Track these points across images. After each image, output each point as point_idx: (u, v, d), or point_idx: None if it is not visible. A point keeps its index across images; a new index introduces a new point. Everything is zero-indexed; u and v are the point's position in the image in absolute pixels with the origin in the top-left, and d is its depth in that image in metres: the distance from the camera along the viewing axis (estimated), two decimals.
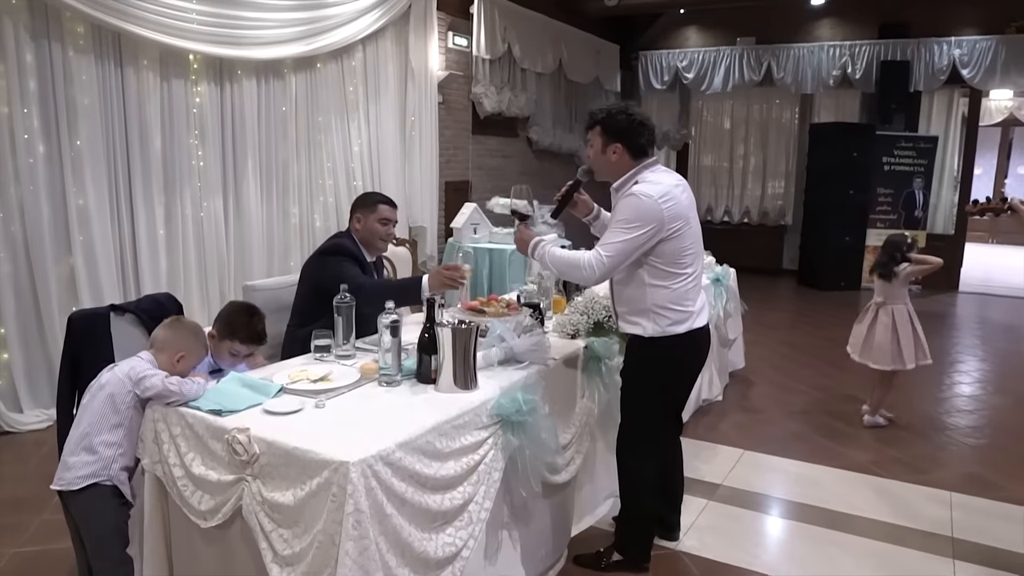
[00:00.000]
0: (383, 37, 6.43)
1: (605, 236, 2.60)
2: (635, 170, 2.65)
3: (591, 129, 2.68)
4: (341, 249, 3.22)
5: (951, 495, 3.77)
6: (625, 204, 2.58)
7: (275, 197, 5.64)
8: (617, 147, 2.63)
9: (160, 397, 2.19)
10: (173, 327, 2.42)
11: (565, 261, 2.63)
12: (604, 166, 2.69)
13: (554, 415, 2.69)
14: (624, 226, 2.54)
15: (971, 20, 9.51)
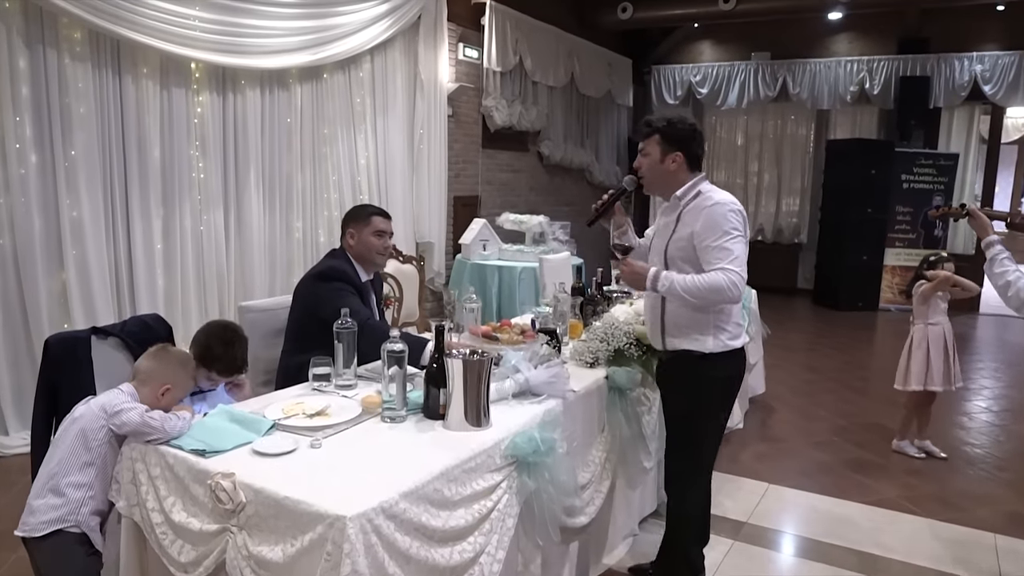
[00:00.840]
0: (392, 47, 6.25)
1: (711, 253, 2.40)
2: (695, 180, 2.55)
3: (648, 138, 2.54)
4: (336, 274, 2.97)
5: (995, 537, 3.52)
6: (716, 214, 2.43)
7: (278, 211, 5.45)
8: (677, 156, 2.52)
9: (138, 434, 1.98)
10: (158, 357, 2.21)
11: (706, 286, 2.38)
12: (660, 176, 2.55)
13: (573, 452, 2.47)
14: (732, 235, 2.42)
15: (993, 35, 9.30)
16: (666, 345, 2.61)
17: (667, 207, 2.61)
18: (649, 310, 2.68)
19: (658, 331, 2.62)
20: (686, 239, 2.47)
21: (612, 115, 10.21)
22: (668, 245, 2.53)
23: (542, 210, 7.83)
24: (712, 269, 2.40)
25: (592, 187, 9.89)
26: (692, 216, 2.48)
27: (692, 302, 2.44)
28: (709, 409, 2.63)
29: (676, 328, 2.57)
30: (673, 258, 2.51)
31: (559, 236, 6.67)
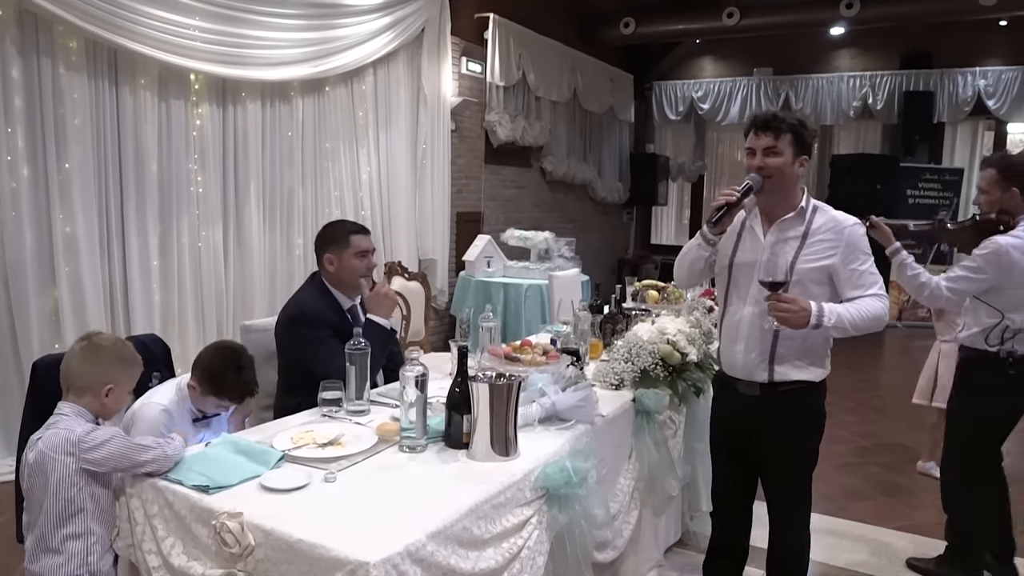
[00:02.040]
0: (395, 61, 6.13)
1: (863, 278, 2.28)
2: (807, 193, 2.40)
3: (780, 135, 2.29)
4: (309, 318, 2.71)
5: None
6: (859, 235, 2.33)
7: (279, 227, 5.28)
8: (806, 159, 2.34)
9: (130, 467, 1.77)
10: (88, 355, 1.90)
11: (871, 317, 2.25)
12: (791, 178, 2.33)
13: (603, 481, 2.30)
14: (872, 258, 2.32)
15: (997, 50, 9.25)
16: (773, 376, 2.36)
17: (785, 220, 2.34)
18: (747, 336, 2.38)
19: (765, 360, 2.36)
20: (823, 260, 2.28)
21: (614, 131, 10.10)
22: (795, 264, 2.29)
23: (546, 226, 7.67)
24: (864, 295, 2.27)
25: (595, 203, 9.77)
26: (830, 236, 2.30)
27: (851, 334, 2.27)
28: (815, 444, 2.48)
29: (791, 357, 2.34)
30: (801, 280, 2.28)
31: (564, 253, 6.52)
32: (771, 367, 2.35)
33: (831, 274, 2.30)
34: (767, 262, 2.27)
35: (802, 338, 2.30)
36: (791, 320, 2.19)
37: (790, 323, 2.20)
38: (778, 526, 2.52)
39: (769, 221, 2.38)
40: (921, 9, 8.43)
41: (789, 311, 2.18)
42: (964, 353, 3.07)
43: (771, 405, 2.39)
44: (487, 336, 2.81)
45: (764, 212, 2.39)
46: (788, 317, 2.18)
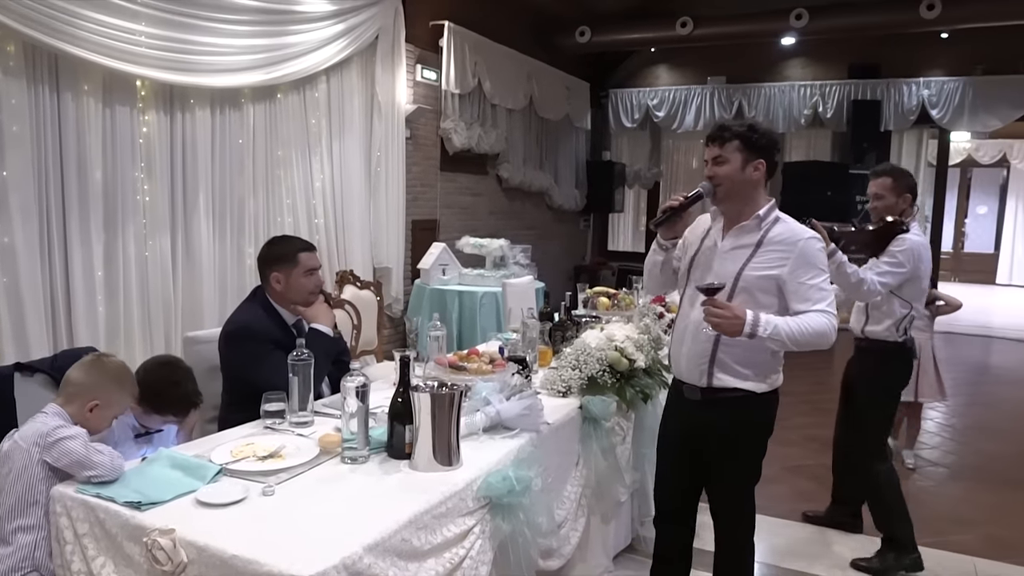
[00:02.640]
0: (348, 68, 6.09)
1: (811, 292, 2.26)
2: (773, 203, 2.41)
3: (725, 143, 2.33)
4: (250, 333, 2.67)
5: (975, 562, 3.47)
6: (814, 249, 2.31)
7: (229, 236, 5.20)
8: (760, 163, 2.34)
9: (79, 468, 1.76)
10: (91, 368, 1.99)
11: (812, 332, 2.22)
12: (742, 184, 2.34)
13: (548, 490, 2.30)
14: (826, 275, 2.32)
15: (939, 61, 9.51)
16: (712, 382, 2.38)
17: (740, 228, 2.37)
18: (692, 340, 2.41)
19: (705, 364, 2.38)
20: (772, 271, 2.30)
21: (570, 138, 10.16)
22: (743, 271, 2.32)
23: (502, 234, 7.70)
24: (810, 310, 2.24)
25: (552, 211, 9.82)
26: (782, 247, 2.30)
27: (790, 348, 2.25)
28: (759, 455, 2.50)
29: (731, 364, 2.35)
30: (749, 288, 2.31)
31: (520, 260, 6.53)
32: (710, 372, 2.37)
33: (780, 285, 2.30)
34: (716, 270, 2.34)
35: (744, 347, 2.31)
36: (723, 327, 2.20)
37: (723, 329, 2.21)
38: (722, 531, 2.55)
39: (728, 228, 2.41)
40: (867, 22, 8.66)
41: (722, 317, 2.19)
42: (878, 346, 3.29)
43: (712, 411, 2.41)
44: (435, 345, 2.80)
45: (726, 218, 2.43)
46: (721, 323, 2.20)
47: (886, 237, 3.16)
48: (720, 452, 2.46)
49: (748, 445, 2.47)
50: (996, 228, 15.99)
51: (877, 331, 3.28)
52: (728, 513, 2.55)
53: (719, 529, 2.56)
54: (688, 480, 2.59)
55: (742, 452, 2.47)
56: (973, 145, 14.58)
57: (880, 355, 3.30)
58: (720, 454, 2.46)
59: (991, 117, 9.38)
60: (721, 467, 2.49)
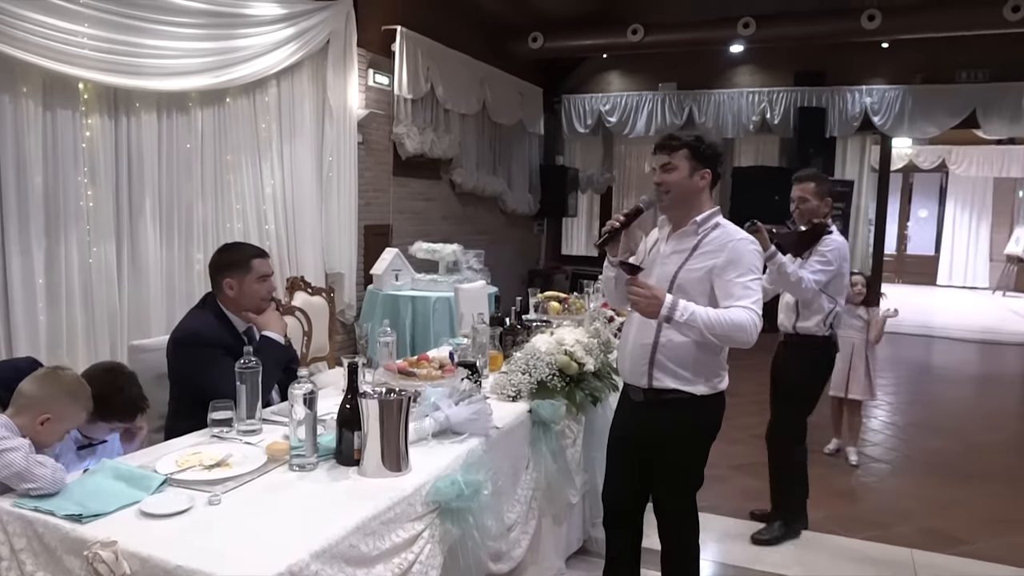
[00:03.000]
0: (299, 72, 6.04)
1: (735, 289, 2.31)
2: (715, 209, 2.47)
3: (675, 151, 2.40)
4: (200, 339, 2.65)
5: (912, 553, 3.60)
6: (744, 250, 2.37)
7: (177, 242, 5.11)
8: (706, 173, 2.43)
9: (18, 480, 1.72)
10: (44, 380, 1.96)
11: (730, 323, 2.24)
12: (689, 192, 2.42)
13: (498, 493, 2.32)
14: (756, 275, 2.37)
15: (881, 70, 9.81)
16: (652, 383, 2.44)
17: (680, 232, 2.46)
18: (633, 341, 2.48)
19: (645, 365, 2.43)
20: (705, 270, 2.37)
21: (524, 143, 10.22)
22: (679, 273, 2.39)
23: (456, 239, 7.69)
24: (734, 305, 2.29)
25: (505, 215, 9.86)
26: (714, 247, 2.38)
27: (708, 339, 2.27)
28: (701, 457, 2.55)
29: (670, 366, 2.41)
30: (684, 288, 2.37)
31: (473, 265, 6.55)
32: (650, 373, 2.43)
33: (712, 283, 2.37)
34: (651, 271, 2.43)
35: (681, 348, 2.37)
36: (642, 306, 2.26)
37: (641, 308, 2.27)
38: (666, 533, 2.61)
39: (672, 233, 2.51)
40: (812, 31, 8.91)
41: (641, 296, 2.24)
42: (807, 341, 3.56)
43: (654, 413, 2.47)
44: (385, 351, 2.80)
45: (672, 224, 2.51)
46: (638, 302, 2.25)
47: (813, 238, 3.44)
48: (662, 454, 2.52)
49: (689, 448, 2.52)
50: (936, 231, 16.51)
51: (807, 326, 3.54)
52: (671, 515, 2.61)
53: (663, 530, 2.62)
54: (636, 482, 2.64)
55: (683, 454, 2.52)
56: (914, 151, 15.05)
57: (808, 348, 3.57)
58: (662, 456, 2.52)
59: (929, 124, 9.71)
60: (663, 469, 2.54)
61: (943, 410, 6.42)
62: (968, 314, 12.16)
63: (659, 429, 2.47)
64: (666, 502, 2.60)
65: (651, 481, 2.61)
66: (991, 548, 3.65)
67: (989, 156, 14.77)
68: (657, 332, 2.41)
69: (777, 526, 3.69)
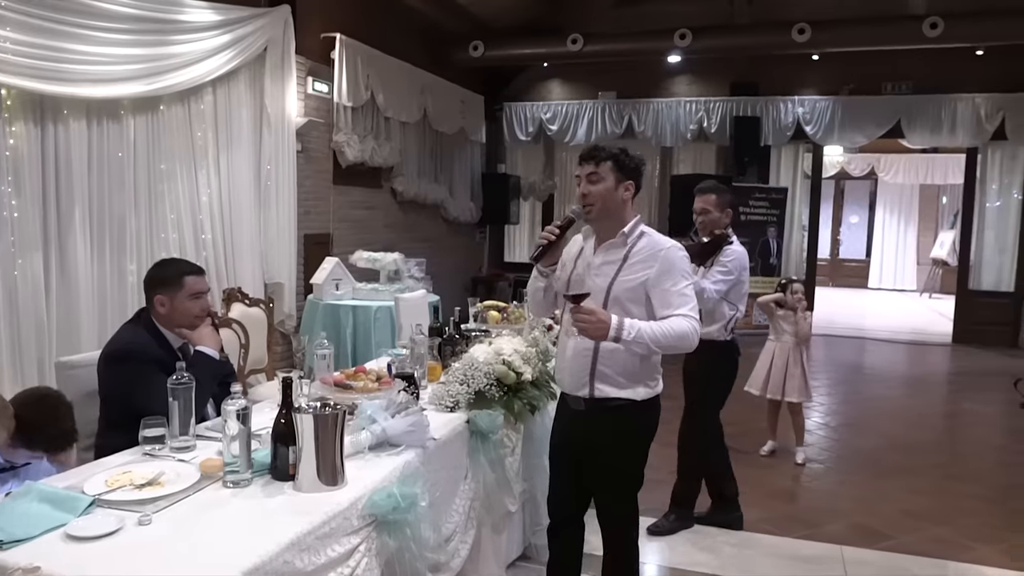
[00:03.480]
0: (236, 80, 5.96)
1: (672, 298, 2.39)
2: (638, 219, 2.55)
3: (601, 163, 2.46)
4: (133, 355, 2.61)
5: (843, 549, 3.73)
6: (675, 258, 2.46)
7: (108, 253, 4.98)
8: (630, 185, 2.50)
9: None
10: None
11: (675, 335, 2.33)
12: (614, 204, 2.48)
13: (436, 504, 2.34)
14: (688, 281, 2.46)
15: (812, 81, 10.14)
16: (594, 392, 2.50)
17: (608, 244, 2.51)
18: (572, 353, 2.52)
19: (586, 376, 2.49)
20: (638, 281, 2.43)
21: (466, 151, 10.25)
22: (613, 284, 2.45)
23: (398, 247, 7.68)
24: (673, 314, 2.36)
25: (447, 223, 9.86)
26: (645, 257, 2.44)
27: (654, 351, 2.36)
28: (639, 462, 2.61)
29: (611, 375, 2.47)
30: (619, 299, 2.43)
31: (415, 273, 6.52)
32: (592, 383, 2.49)
33: (647, 292, 2.43)
34: (579, 280, 2.47)
35: (622, 358, 2.43)
36: (590, 331, 2.31)
37: (589, 334, 2.32)
38: (609, 536, 2.66)
39: (599, 244, 2.54)
40: (745, 43, 9.19)
41: (588, 322, 2.30)
42: (709, 346, 3.58)
43: (595, 421, 2.52)
44: (322, 363, 2.79)
45: (597, 236, 2.55)
46: (587, 328, 2.31)
47: (715, 248, 3.62)
48: (603, 459, 2.57)
49: (630, 452, 2.58)
50: (867, 236, 17.09)
51: (710, 332, 3.65)
52: (614, 519, 2.66)
53: (606, 534, 2.66)
54: (578, 488, 2.69)
55: (625, 459, 2.58)
56: (845, 159, 15.56)
57: (711, 353, 3.63)
58: (603, 461, 2.57)
59: (858, 134, 10.08)
60: (605, 474, 2.59)
61: (873, 409, 6.65)
62: (897, 316, 12.62)
63: (600, 435, 2.53)
64: (609, 507, 2.65)
65: (589, 486, 2.66)
66: (914, 541, 3.82)
67: (915, 164, 15.38)
68: (596, 343, 2.46)
69: (672, 518, 3.88)
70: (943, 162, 14.79)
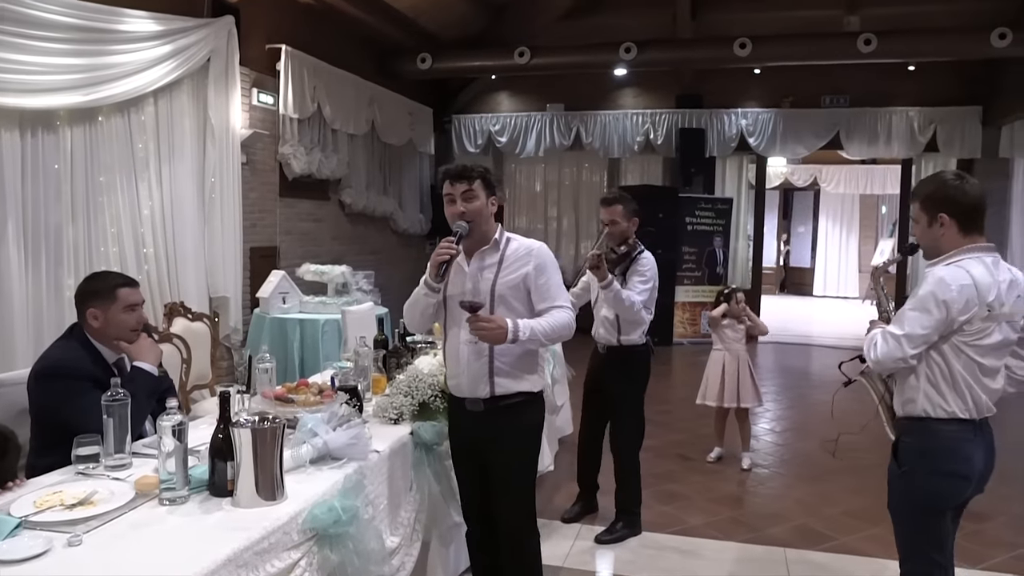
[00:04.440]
0: (179, 91, 5.86)
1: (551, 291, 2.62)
2: (500, 227, 2.71)
3: (473, 181, 2.60)
4: (63, 371, 2.55)
5: (785, 551, 3.81)
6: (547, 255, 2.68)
7: (44, 267, 4.85)
8: (495, 199, 2.68)
9: None
10: None
11: (560, 325, 2.58)
12: (485, 217, 2.64)
13: (379, 517, 2.33)
14: (559, 274, 2.70)
15: (754, 94, 10.40)
16: (495, 390, 2.59)
17: (482, 251, 2.64)
18: (469, 355, 2.59)
19: (485, 376, 2.58)
20: (520, 278, 2.60)
21: (414, 163, 10.24)
22: (496, 285, 2.59)
23: (346, 260, 7.63)
24: (552, 307, 2.59)
25: (397, 235, 9.82)
26: (519, 256, 2.62)
27: (544, 344, 2.58)
28: (536, 453, 2.73)
29: (508, 370, 2.59)
30: (504, 297, 2.60)
31: (363, 286, 6.48)
32: (492, 381, 2.59)
33: (528, 289, 2.61)
34: (471, 289, 2.58)
35: (515, 353, 2.58)
36: (490, 337, 2.46)
37: (489, 339, 2.47)
38: (510, 529, 2.69)
39: (469, 254, 2.65)
40: (689, 56, 9.40)
41: (487, 329, 2.45)
42: (630, 351, 3.89)
43: (495, 418, 2.61)
44: (265, 377, 2.76)
45: (466, 249, 2.65)
46: (487, 335, 2.46)
47: (627, 258, 3.82)
48: (507, 454, 2.65)
49: (529, 442, 2.71)
50: (812, 245, 17.52)
51: (632, 339, 3.86)
52: (515, 511, 2.69)
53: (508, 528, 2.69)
54: (483, 487, 2.72)
55: (526, 450, 2.69)
56: (789, 170, 15.93)
57: (632, 357, 3.90)
58: (506, 457, 2.65)
59: (799, 145, 10.36)
60: (506, 470, 2.65)
61: (817, 414, 6.79)
62: (840, 323, 12.91)
63: (501, 431, 2.62)
64: (510, 499, 2.68)
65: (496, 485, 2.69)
66: (855, 541, 3.91)
67: (855, 175, 15.81)
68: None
69: (620, 526, 3.93)
70: (881, 173, 15.25)
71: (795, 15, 9.25)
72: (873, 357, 2.35)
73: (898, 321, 2.32)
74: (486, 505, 2.74)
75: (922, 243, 2.39)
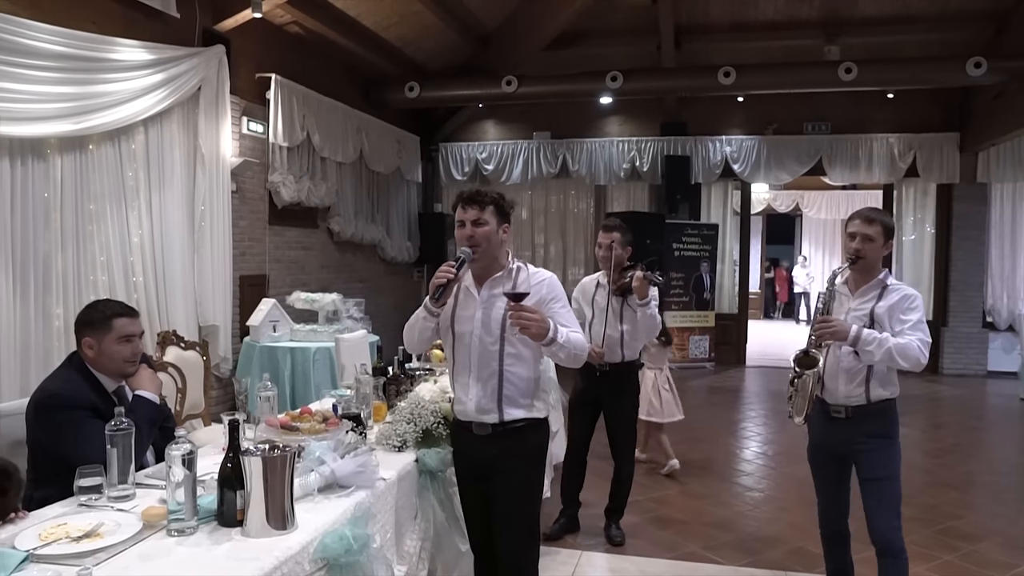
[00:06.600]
0: (169, 119, 5.86)
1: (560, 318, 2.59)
2: (512, 256, 2.73)
3: (485, 207, 2.59)
4: (62, 401, 2.51)
5: (785, 575, 3.79)
6: (556, 283, 2.69)
7: (33, 296, 4.79)
8: (507, 227, 2.67)
9: None
10: None
11: (582, 345, 2.59)
12: (496, 245, 2.63)
13: (386, 545, 2.30)
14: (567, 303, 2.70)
15: (738, 122, 10.57)
16: (503, 416, 2.57)
17: (493, 279, 2.62)
18: (477, 382, 2.58)
19: (494, 402, 2.57)
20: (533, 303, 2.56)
21: (402, 191, 10.27)
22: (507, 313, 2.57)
23: (335, 287, 7.61)
24: (575, 328, 2.63)
25: (385, 263, 9.81)
26: (532, 286, 2.59)
27: (563, 359, 2.56)
28: (541, 478, 2.76)
29: (516, 397, 2.59)
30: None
31: (353, 314, 6.47)
32: (500, 408, 2.58)
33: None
34: (475, 315, 2.58)
35: (524, 380, 2.59)
36: (532, 327, 2.43)
37: (532, 331, 2.44)
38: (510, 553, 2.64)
39: (480, 282, 2.65)
40: (673, 84, 9.54)
41: (531, 320, 2.42)
42: (630, 367, 4.17)
43: (502, 442, 2.59)
44: (266, 405, 2.74)
45: (476, 276, 2.65)
46: (531, 324, 2.42)
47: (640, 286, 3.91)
48: (512, 478, 2.61)
49: (534, 468, 2.69)
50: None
51: (633, 356, 4.16)
52: (517, 536, 2.64)
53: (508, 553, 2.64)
54: (485, 518, 2.69)
55: (532, 475, 2.67)
56: (771, 195, 16.13)
57: (630, 373, 4.21)
58: (511, 481, 2.61)
59: (782, 171, 10.51)
60: (510, 494, 2.62)
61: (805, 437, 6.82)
62: None
63: (506, 457, 2.59)
64: (511, 524, 2.64)
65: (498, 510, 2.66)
66: None
67: (836, 200, 16.05)
68: (500, 367, 2.57)
69: (563, 522, 4.29)
70: (862, 198, 15.42)
71: (776, 44, 9.44)
72: (924, 361, 2.85)
73: (920, 330, 2.86)
74: (489, 538, 2.70)
75: (870, 257, 2.97)
